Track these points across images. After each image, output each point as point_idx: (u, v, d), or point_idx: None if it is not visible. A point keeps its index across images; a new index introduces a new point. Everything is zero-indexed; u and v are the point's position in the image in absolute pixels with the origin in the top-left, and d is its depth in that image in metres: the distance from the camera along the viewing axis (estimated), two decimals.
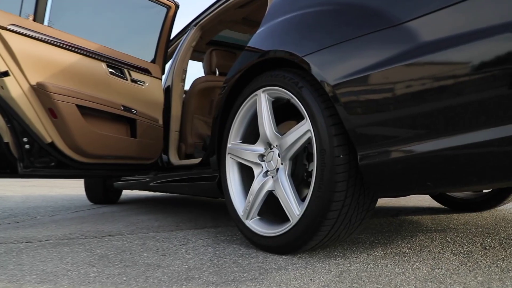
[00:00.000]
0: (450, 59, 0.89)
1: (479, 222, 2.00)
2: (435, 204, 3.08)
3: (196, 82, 2.91)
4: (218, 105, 1.86)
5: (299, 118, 1.67)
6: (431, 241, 1.54)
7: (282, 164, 1.41)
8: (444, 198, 2.67)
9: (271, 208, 1.58)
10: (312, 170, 1.42)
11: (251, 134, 1.67)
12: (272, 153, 1.46)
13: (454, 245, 1.44)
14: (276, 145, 1.44)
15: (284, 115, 1.67)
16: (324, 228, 1.22)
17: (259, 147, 1.54)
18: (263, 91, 1.48)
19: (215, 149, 1.87)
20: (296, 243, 1.29)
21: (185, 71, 2.84)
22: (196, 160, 2.25)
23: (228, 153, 1.70)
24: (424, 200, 3.44)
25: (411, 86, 0.97)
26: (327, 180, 1.17)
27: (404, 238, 1.62)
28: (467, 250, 1.36)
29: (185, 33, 3.03)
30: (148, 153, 2.51)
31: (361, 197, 1.23)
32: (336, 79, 1.15)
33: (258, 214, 1.52)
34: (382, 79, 1.03)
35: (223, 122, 1.84)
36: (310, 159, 1.44)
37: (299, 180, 1.49)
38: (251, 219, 1.52)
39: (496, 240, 1.52)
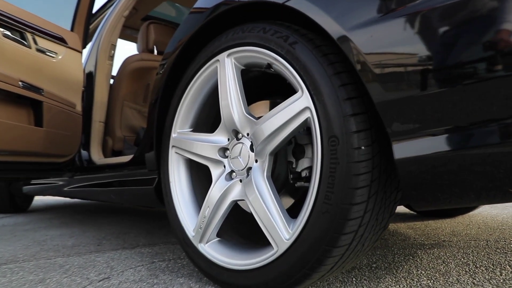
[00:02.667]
0: None
1: (469, 232, 1.72)
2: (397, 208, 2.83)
3: (128, 61, 2.33)
4: (157, 87, 1.36)
5: (277, 96, 1.22)
6: (444, 263, 1.18)
7: (257, 161, 0.95)
8: None
9: (236, 225, 1.11)
10: (303, 170, 0.98)
11: (207, 120, 1.19)
12: (240, 145, 1.00)
13: (480, 269, 1.09)
14: (247, 134, 0.97)
15: (253, 94, 1.22)
16: (330, 260, 0.78)
17: (219, 137, 1.06)
18: (229, 55, 1.01)
19: (154, 142, 1.36)
20: (283, 282, 0.84)
21: (114, 47, 2.26)
22: (126, 158, 1.71)
23: (173, 146, 1.20)
24: None
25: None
26: (341, 185, 0.73)
27: (405, 258, 1.24)
28: (508, 278, 1.01)
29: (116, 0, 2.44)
30: (61, 149, 1.90)
31: (381, 211, 0.82)
32: (357, 26, 0.72)
33: (218, 235, 1.05)
34: (447, 16, 0.62)
35: (164, 107, 1.34)
36: (298, 154, 1.00)
37: (279, 185, 1.04)
38: (207, 242, 1.04)
39: None
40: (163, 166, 1.25)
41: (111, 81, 2.40)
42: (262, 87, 1.19)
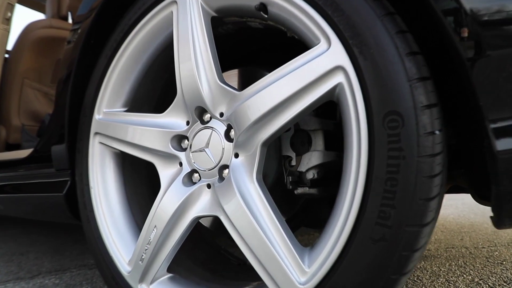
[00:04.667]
0: None
1: (438, 237, 1.58)
2: None
3: (31, 28, 1.80)
4: (69, 58, 0.96)
5: (251, 65, 0.89)
6: (449, 283, 0.97)
7: (237, 156, 0.61)
8: None
9: (195, 250, 0.76)
10: (310, 170, 0.67)
11: (151, 95, 0.82)
12: (208, 131, 0.65)
13: None
14: (221, 114, 0.63)
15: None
16: None
17: (174, 119, 0.70)
18: None
19: (65, 131, 0.95)
20: None
21: (11, 7, 1.72)
22: (24, 153, 1.23)
23: (96, 133, 0.81)
24: None
25: None
26: (408, 195, 0.44)
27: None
28: None
29: None
30: None
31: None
32: None
33: (169, 269, 0.69)
34: None
35: (80, 83, 0.93)
36: (299, 145, 0.68)
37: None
38: (152, 282, 0.67)
39: None
40: (79, 163, 0.85)
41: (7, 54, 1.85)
42: (232, 51, 0.85)
